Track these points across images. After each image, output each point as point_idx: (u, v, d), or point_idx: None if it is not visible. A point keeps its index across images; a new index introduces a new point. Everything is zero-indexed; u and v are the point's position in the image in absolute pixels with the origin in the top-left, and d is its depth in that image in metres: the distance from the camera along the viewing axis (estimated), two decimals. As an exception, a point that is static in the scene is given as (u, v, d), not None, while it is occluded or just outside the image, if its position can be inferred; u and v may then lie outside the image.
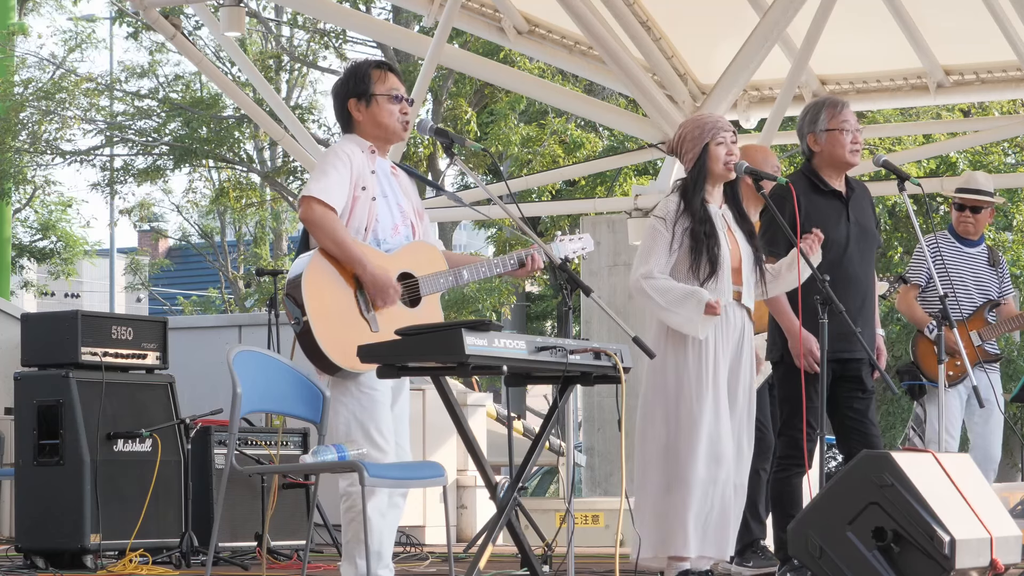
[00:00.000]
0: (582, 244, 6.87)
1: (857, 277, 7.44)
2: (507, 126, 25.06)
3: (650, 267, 6.99)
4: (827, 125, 7.47)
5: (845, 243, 7.43)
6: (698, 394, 6.95)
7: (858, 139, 7.49)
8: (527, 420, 19.78)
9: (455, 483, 12.46)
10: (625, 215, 13.91)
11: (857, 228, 7.49)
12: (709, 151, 7.09)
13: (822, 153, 7.51)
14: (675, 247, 7.01)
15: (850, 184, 7.58)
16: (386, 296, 6.27)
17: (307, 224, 6.32)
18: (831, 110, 7.49)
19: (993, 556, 6.33)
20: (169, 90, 29.10)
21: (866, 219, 7.56)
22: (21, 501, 9.14)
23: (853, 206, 7.53)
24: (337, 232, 6.27)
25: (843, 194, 7.53)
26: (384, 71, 6.52)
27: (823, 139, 7.49)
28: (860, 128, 7.53)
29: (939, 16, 13.04)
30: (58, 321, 9.31)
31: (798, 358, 7.29)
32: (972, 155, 23.13)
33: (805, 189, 7.44)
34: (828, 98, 7.59)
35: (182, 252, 43.23)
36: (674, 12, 13.62)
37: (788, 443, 7.43)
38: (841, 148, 7.47)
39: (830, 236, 7.37)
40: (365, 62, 6.57)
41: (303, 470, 6.87)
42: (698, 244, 6.98)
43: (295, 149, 14.62)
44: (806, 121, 7.54)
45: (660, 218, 7.07)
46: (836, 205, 7.49)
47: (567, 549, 6.46)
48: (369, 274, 6.26)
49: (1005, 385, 24.28)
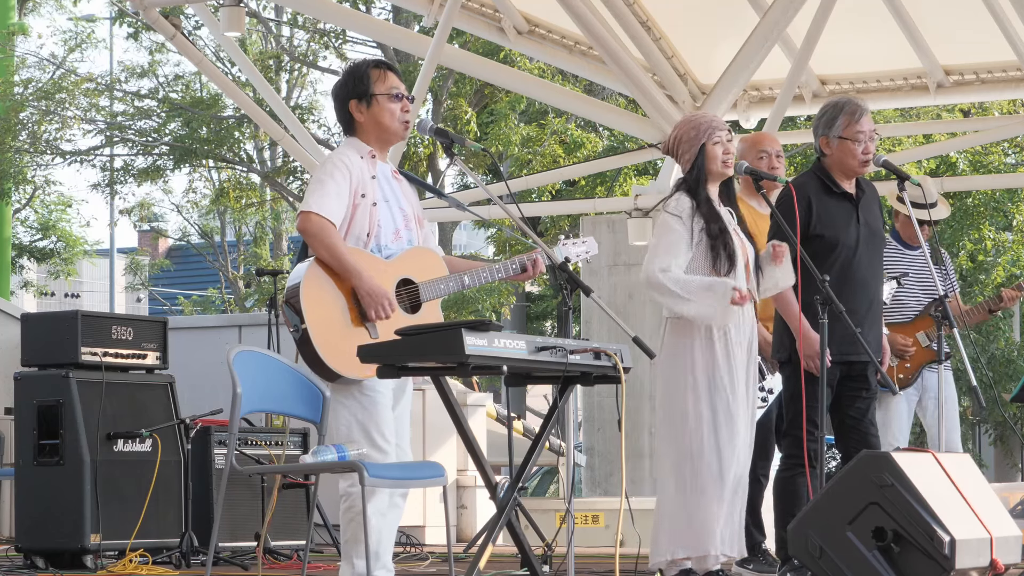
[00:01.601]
0: (586, 248, 6.85)
1: (866, 279, 7.44)
2: (507, 126, 25.05)
3: (668, 262, 6.99)
4: (841, 132, 7.44)
5: (855, 245, 7.43)
6: (714, 392, 6.99)
7: (870, 149, 7.45)
8: (527, 420, 19.77)
9: (455, 483, 12.46)
10: (625, 215, 13.91)
11: (867, 230, 7.49)
12: (706, 151, 7.11)
13: (832, 157, 7.49)
14: (694, 244, 7.02)
15: (860, 185, 7.57)
16: (379, 308, 6.25)
17: (304, 236, 6.33)
18: (848, 118, 7.43)
19: (993, 556, 6.33)
20: (169, 90, 29.09)
21: (875, 221, 7.57)
22: (21, 501, 9.14)
23: (863, 208, 7.52)
24: (333, 243, 6.26)
25: (853, 196, 7.53)
26: (383, 70, 6.51)
27: (835, 145, 7.46)
28: (876, 135, 7.49)
29: (939, 16, 13.04)
30: (58, 321, 9.31)
31: (806, 359, 7.30)
32: (972, 155, 23.12)
33: (817, 190, 7.44)
34: (848, 103, 7.51)
35: (182, 252, 43.23)
36: (674, 12, 13.63)
37: (794, 442, 7.43)
38: (852, 159, 7.45)
39: (840, 238, 7.37)
40: (364, 62, 6.56)
41: (303, 470, 6.87)
42: (715, 241, 7.02)
43: (295, 149, 14.63)
44: (822, 122, 7.51)
45: (675, 215, 7.06)
46: (847, 207, 7.48)
47: (567, 549, 6.46)
48: (363, 286, 6.26)
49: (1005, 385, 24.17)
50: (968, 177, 22.07)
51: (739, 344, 7.09)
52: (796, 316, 7.33)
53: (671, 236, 7.04)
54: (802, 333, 7.27)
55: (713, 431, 6.99)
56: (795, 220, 7.27)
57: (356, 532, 6.21)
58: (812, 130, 7.64)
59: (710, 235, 7.04)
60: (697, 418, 7.02)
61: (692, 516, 6.98)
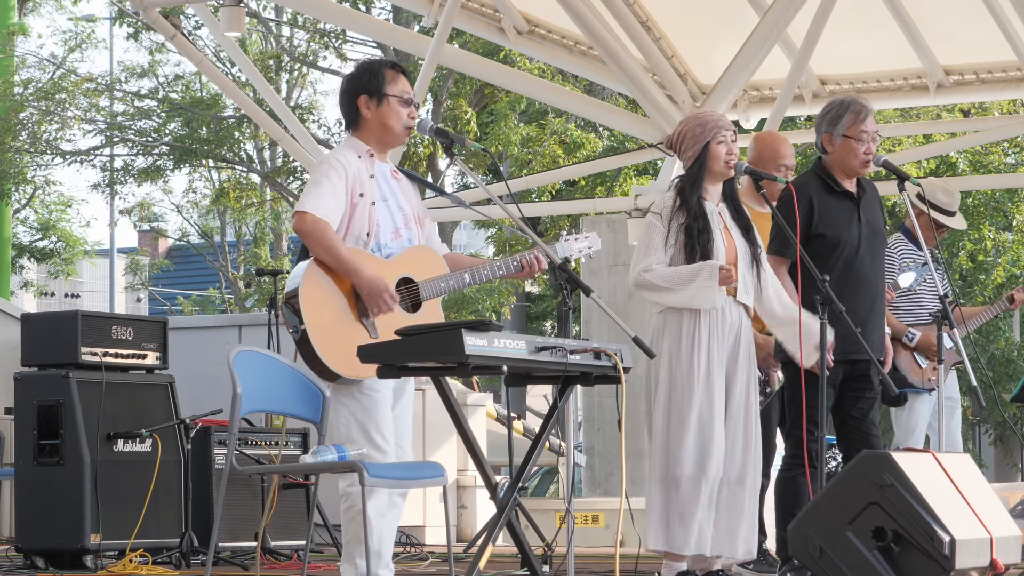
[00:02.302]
0: (588, 243, 6.84)
1: (868, 278, 7.44)
2: (507, 126, 25.05)
3: (649, 261, 7.03)
4: (845, 131, 7.45)
5: (857, 244, 7.44)
6: (688, 390, 6.96)
7: (872, 150, 7.46)
8: (527, 420, 19.77)
9: (455, 483, 12.45)
10: (625, 215, 13.90)
11: (868, 229, 7.50)
12: (710, 149, 7.11)
13: (834, 155, 7.50)
14: (671, 242, 7.03)
15: (861, 184, 7.58)
16: (379, 303, 6.25)
17: (300, 236, 6.34)
18: (854, 116, 7.45)
19: (993, 556, 6.33)
20: (169, 90, 29.09)
21: (876, 219, 7.58)
22: (21, 501, 9.14)
23: (864, 207, 7.53)
24: (330, 242, 6.26)
25: (855, 195, 7.53)
26: (397, 72, 6.51)
27: (838, 143, 7.48)
28: (878, 136, 7.50)
29: (939, 16, 13.04)
30: (58, 321, 9.30)
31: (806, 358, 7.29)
32: (972, 155, 23.12)
33: (818, 189, 7.45)
34: (853, 102, 7.52)
35: (182, 252, 43.23)
36: (674, 12, 13.63)
37: (795, 443, 7.43)
38: (854, 158, 7.46)
39: (842, 237, 7.38)
40: (379, 60, 6.56)
41: (303, 470, 6.87)
42: (691, 239, 7.01)
43: (295, 149, 14.63)
44: (827, 119, 7.52)
45: (656, 213, 7.11)
46: (848, 206, 7.49)
47: (567, 549, 6.46)
48: (363, 281, 6.25)
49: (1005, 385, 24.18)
50: (968, 177, 22.05)
51: (717, 347, 7.04)
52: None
53: (650, 234, 7.09)
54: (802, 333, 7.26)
55: (667, 429, 6.96)
56: (796, 221, 7.27)
57: (357, 532, 6.21)
58: (815, 127, 7.65)
59: (687, 233, 7.04)
60: (661, 416, 6.99)
61: (673, 512, 6.95)
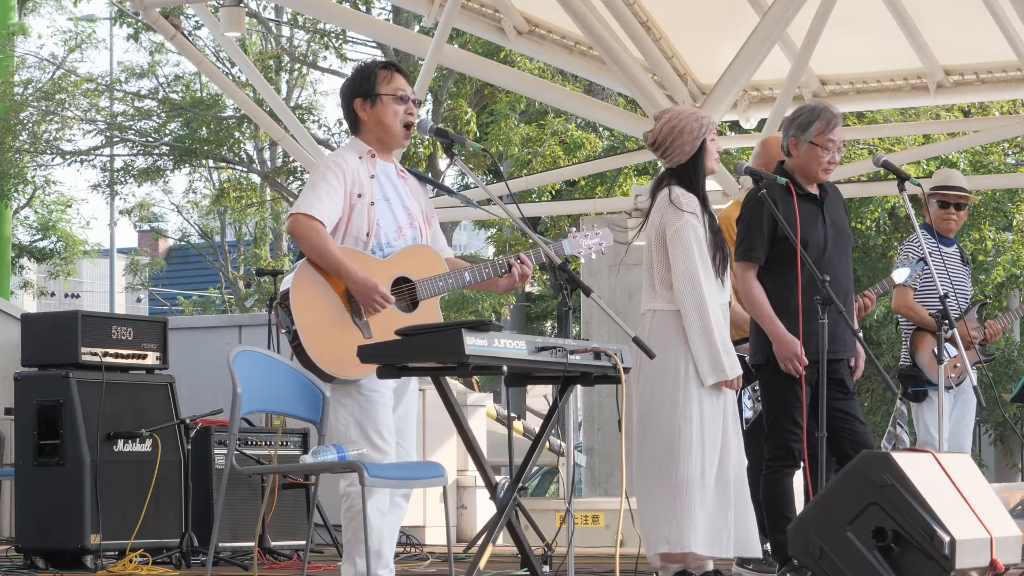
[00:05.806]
0: (599, 239, 6.79)
1: (838, 278, 7.44)
2: (507, 126, 25.04)
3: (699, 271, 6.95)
4: (812, 138, 7.48)
5: (824, 244, 7.47)
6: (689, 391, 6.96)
7: (836, 160, 7.52)
8: (527, 420, 19.78)
9: (455, 483, 12.46)
10: (625, 215, 13.90)
11: (833, 229, 7.54)
12: (706, 147, 7.11)
13: (798, 160, 7.55)
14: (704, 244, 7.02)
15: (823, 187, 7.62)
16: (371, 304, 6.25)
17: (293, 237, 6.36)
18: (823, 125, 7.47)
19: (993, 556, 6.33)
20: (169, 90, 29.08)
21: (840, 220, 7.61)
22: (21, 501, 9.15)
23: (828, 208, 7.57)
24: (321, 243, 6.26)
25: (817, 197, 7.56)
26: (391, 72, 6.54)
27: (803, 148, 7.51)
28: (843, 147, 7.54)
29: (939, 16, 13.04)
30: (58, 321, 9.31)
31: (783, 361, 7.29)
32: (972, 155, 23.12)
33: (782, 193, 7.46)
34: (825, 110, 7.54)
35: (182, 252, 43.23)
36: (674, 12, 13.63)
37: (776, 445, 7.43)
38: (816, 165, 7.50)
39: (809, 239, 7.41)
40: (373, 63, 6.61)
41: (303, 470, 6.87)
42: (716, 237, 7.04)
43: (295, 149, 14.63)
44: (796, 124, 7.55)
45: (692, 212, 7.03)
46: (812, 208, 7.54)
47: (567, 549, 6.46)
48: (353, 282, 6.25)
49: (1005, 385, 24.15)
50: (968, 177, 22.00)
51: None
52: (772, 319, 7.33)
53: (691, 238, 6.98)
54: (782, 336, 7.27)
55: (699, 427, 6.96)
56: (774, 222, 7.30)
57: (357, 532, 6.22)
58: (783, 129, 7.67)
59: (712, 231, 7.06)
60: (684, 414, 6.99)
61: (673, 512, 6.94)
